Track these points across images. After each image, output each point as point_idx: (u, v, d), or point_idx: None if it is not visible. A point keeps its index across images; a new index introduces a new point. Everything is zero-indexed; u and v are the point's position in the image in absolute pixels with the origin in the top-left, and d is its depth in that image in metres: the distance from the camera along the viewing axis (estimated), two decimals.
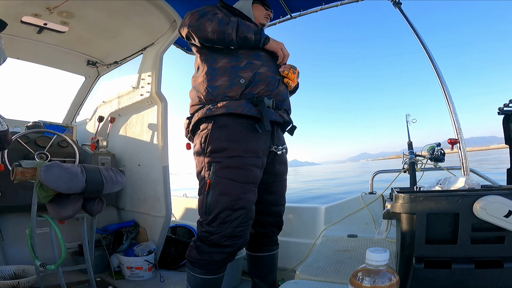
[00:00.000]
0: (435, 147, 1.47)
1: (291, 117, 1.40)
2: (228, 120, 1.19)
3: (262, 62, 1.27)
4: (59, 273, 1.49)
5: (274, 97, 1.27)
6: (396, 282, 0.57)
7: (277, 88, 1.28)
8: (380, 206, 1.75)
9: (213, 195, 1.15)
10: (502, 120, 1.26)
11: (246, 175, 1.17)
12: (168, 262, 2.11)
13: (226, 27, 1.19)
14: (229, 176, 1.15)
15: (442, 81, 1.45)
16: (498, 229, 0.71)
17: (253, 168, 1.19)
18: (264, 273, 1.44)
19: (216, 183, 1.15)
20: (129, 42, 2.29)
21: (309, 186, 16.43)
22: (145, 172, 2.19)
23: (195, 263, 1.18)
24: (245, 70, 1.23)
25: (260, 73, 1.25)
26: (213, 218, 1.14)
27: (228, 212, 1.13)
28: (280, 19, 2.11)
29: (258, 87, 1.23)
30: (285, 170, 1.41)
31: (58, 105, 5.73)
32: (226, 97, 1.21)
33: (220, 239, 1.13)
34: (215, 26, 1.18)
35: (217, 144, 1.17)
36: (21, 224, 1.91)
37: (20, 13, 1.89)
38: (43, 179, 1.37)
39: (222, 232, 1.13)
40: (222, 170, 1.16)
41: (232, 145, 1.17)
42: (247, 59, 1.25)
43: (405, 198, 0.78)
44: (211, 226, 1.14)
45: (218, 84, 1.22)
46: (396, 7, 1.62)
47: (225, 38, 1.20)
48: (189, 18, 1.23)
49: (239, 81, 1.21)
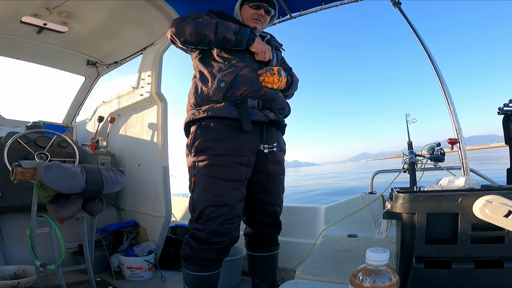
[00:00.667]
0: (435, 147, 1.47)
1: (287, 115, 1.42)
2: (211, 122, 1.24)
3: (245, 63, 1.27)
4: (59, 273, 1.49)
5: (260, 97, 1.27)
6: (396, 282, 0.57)
7: (262, 88, 1.27)
8: (380, 206, 1.75)
9: (197, 193, 1.20)
10: (502, 120, 1.26)
11: (229, 172, 1.19)
12: (168, 262, 2.11)
13: (203, 28, 1.23)
14: (211, 173, 1.19)
15: (442, 81, 1.45)
16: (498, 229, 0.71)
17: (237, 165, 1.21)
18: (264, 273, 1.44)
19: (199, 181, 1.20)
20: (129, 42, 2.29)
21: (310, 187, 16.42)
22: (145, 172, 2.19)
23: (188, 260, 1.21)
24: (226, 73, 1.24)
25: (242, 75, 1.25)
26: (198, 215, 1.18)
27: (211, 209, 1.16)
28: (280, 19, 2.11)
29: (240, 89, 1.24)
30: (280, 170, 1.39)
31: (58, 105, 5.75)
32: (211, 101, 1.26)
33: (207, 236, 1.16)
34: (192, 28, 1.24)
35: (200, 144, 1.22)
36: (21, 224, 1.91)
37: (19, 13, 1.89)
38: (43, 179, 1.37)
39: (208, 228, 1.16)
40: (204, 168, 1.20)
41: (214, 144, 1.21)
42: (231, 62, 1.28)
43: (405, 198, 0.78)
44: (198, 223, 1.19)
45: (203, 89, 1.28)
46: (396, 7, 1.63)
47: (203, 39, 1.25)
48: (172, 23, 1.31)
49: (220, 84, 1.24)
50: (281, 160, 1.39)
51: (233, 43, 1.25)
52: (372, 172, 2.05)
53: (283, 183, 1.44)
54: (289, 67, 1.54)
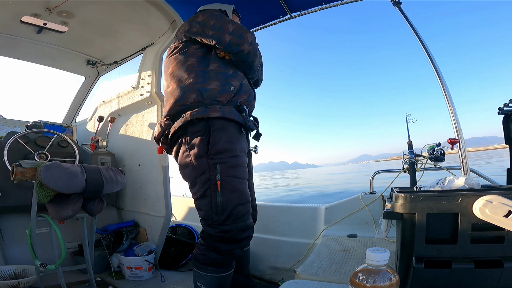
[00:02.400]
0: (435, 147, 1.47)
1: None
2: (224, 123, 1.24)
3: (242, 74, 1.37)
4: (59, 273, 1.49)
5: (249, 107, 1.38)
6: (396, 282, 0.57)
7: (253, 100, 1.41)
8: (380, 206, 1.75)
9: (223, 194, 1.18)
10: (502, 120, 1.26)
11: (244, 172, 1.27)
12: (168, 262, 2.11)
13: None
14: (235, 174, 1.22)
15: (442, 81, 1.45)
16: (498, 228, 0.71)
17: (245, 165, 1.29)
18: (241, 265, 1.49)
19: (225, 183, 1.19)
20: (129, 42, 2.29)
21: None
22: (145, 172, 2.19)
23: (217, 265, 1.20)
24: (234, 79, 1.31)
25: (244, 84, 1.35)
26: (227, 216, 1.18)
27: (239, 208, 1.20)
28: (280, 19, 2.10)
29: (242, 97, 1.32)
30: (252, 168, 1.53)
31: (58, 105, 5.76)
32: (215, 101, 1.25)
33: (237, 234, 1.19)
34: (253, 38, 1.33)
35: (220, 146, 1.20)
36: (21, 224, 1.91)
37: (19, 13, 1.89)
38: (43, 179, 1.37)
39: (238, 227, 1.19)
40: (228, 169, 1.20)
41: (232, 146, 1.23)
42: (233, 68, 1.33)
43: (405, 198, 0.78)
44: (225, 224, 1.18)
45: (210, 87, 1.25)
46: (396, 6, 1.62)
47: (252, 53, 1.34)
48: (252, 36, 1.32)
49: (230, 88, 1.28)
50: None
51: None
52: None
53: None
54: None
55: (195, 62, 1.30)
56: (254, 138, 1.46)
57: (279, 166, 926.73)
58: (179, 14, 1.96)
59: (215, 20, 1.29)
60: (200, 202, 1.23)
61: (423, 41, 1.51)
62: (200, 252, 1.23)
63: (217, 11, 1.36)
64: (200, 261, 1.22)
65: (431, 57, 1.48)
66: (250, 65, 1.35)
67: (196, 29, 1.31)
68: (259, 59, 1.39)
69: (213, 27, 1.27)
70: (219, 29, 1.27)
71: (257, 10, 2.03)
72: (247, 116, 1.30)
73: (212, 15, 1.31)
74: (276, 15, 2.08)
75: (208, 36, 1.28)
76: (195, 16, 1.35)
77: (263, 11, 2.05)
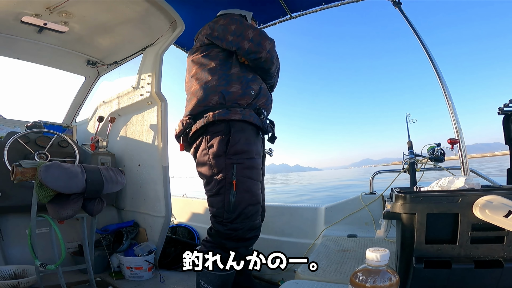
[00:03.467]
0: (435, 147, 1.47)
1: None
2: (243, 125, 1.28)
3: (260, 78, 1.42)
4: (59, 273, 1.49)
5: (267, 110, 1.42)
6: (396, 282, 0.57)
7: (270, 104, 1.46)
8: (380, 206, 1.75)
9: (237, 194, 1.23)
10: (502, 120, 1.25)
11: (258, 174, 1.31)
12: (168, 262, 2.11)
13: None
14: (249, 175, 1.26)
15: (442, 81, 1.45)
16: (498, 229, 0.71)
17: (260, 167, 1.33)
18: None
19: (239, 182, 1.24)
20: (129, 42, 2.29)
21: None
22: (145, 172, 2.19)
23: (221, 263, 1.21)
24: (254, 83, 1.35)
25: (263, 88, 1.39)
26: (238, 214, 1.22)
27: (250, 208, 1.24)
28: (280, 19, 2.11)
29: (261, 100, 1.37)
30: (265, 170, 1.56)
31: (58, 105, 5.75)
32: (236, 104, 1.30)
33: (245, 233, 1.23)
34: (272, 45, 1.37)
35: (238, 147, 1.25)
36: (21, 224, 1.91)
37: (20, 13, 1.89)
38: (43, 179, 1.37)
39: (246, 226, 1.23)
40: (243, 170, 1.25)
41: (249, 148, 1.27)
42: (252, 72, 1.37)
43: (405, 198, 0.78)
44: (235, 223, 1.22)
45: (232, 90, 1.30)
46: (396, 7, 1.63)
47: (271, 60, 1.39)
48: (271, 44, 1.35)
49: (250, 92, 1.33)
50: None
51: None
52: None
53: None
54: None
55: (217, 65, 1.36)
56: (269, 140, 1.49)
57: (280, 169, 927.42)
58: (179, 14, 1.96)
59: (236, 25, 1.33)
60: (213, 199, 1.28)
61: (423, 41, 1.51)
62: (205, 250, 1.25)
63: (237, 16, 1.40)
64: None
65: (431, 57, 1.48)
66: (267, 71, 1.40)
67: (218, 33, 1.36)
68: (275, 66, 1.42)
69: (233, 32, 1.32)
70: (239, 35, 1.32)
71: (257, 10, 2.02)
72: (265, 119, 1.36)
73: (233, 20, 1.35)
74: (276, 15, 2.08)
75: (228, 41, 1.33)
76: (217, 19, 1.40)
77: (263, 11, 2.05)
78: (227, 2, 1.53)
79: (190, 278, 1.90)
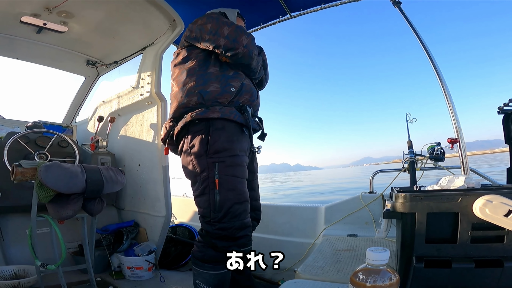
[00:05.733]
0: (435, 147, 1.47)
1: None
2: (223, 123, 1.26)
3: (243, 74, 1.39)
4: (59, 273, 1.49)
5: (253, 107, 1.40)
6: (396, 281, 0.57)
7: (256, 99, 1.43)
8: (380, 206, 1.75)
9: (221, 193, 1.21)
10: (502, 120, 1.25)
11: (243, 171, 1.28)
12: (168, 262, 2.11)
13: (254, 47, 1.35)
14: (233, 173, 1.24)
15: (442, 80, 1.45)
16: (498, 228, 0.71)
17: (245, 165, 1.31)
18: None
19: (223, 181, 1.22)
20: (128, 42, 2.29)
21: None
22: (145, 172, 2.19)
23: (214, 262, 1.22)
24: (234, 80, 1.33)
25: (245, 84, 1.37)
26: (224, 214, 1.20)
27: (236, 206, 1.22)
28: (280, 18, 2.10)
29: (244, 97, 1.35)
30: (258, 168, 1.55)
31: (58, 105, 5.75)
32: (216, 102, 1.29)
33: (234, 232, 1.21)
34: (250, 41, 1.33)
35: (218, 145, 1.24)
36: (21, 224, 1.91)
37: (19, 13, 1.89)
38: (43, 179, 1.37)
39: (234, 225, 1.21)
40: (226, 168, 1.23)
41: (231, 145, 1.25)
42: (233, 69, 1.36)
43: (405, 198, 0.78)
44: (222, 222, 1.20)
45: (210, 89, 1.29)
46: (396, 6, 1.62)
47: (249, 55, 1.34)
48: (247, 39, 1.32)
49: (230, 89, 1.31)
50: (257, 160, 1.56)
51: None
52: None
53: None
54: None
55: (196, 66, 1.35)
56: (259, 138, 1.48)
57: (281, 168, 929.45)
58: (179, 14, 1.96)
59: (212, 23, 1.32)
60: (199, 199, 1.27)
61: (423, 41, 1.51)
62: (198, 250, 1.26)
63: (215, 14, 1.38)
64: (198, 258, 1.25)
65: (431, 56, 1.48)
66: (247, 67, 1.38)
67: (195, 33, 1.35)
68: (256, 61, 1.39)
69: (209, 31, 1.31)
70: (214, 33, 1.30)
71: (257, 10, 2.03)
72: (249, 116, 1.32)
73: (209, 18, 1.34)
74: (276, 15, 2.08)
75: (205, 40, 1.32)
76: (195, 20, 1.39)
77: (263, 11, 2.05)
78: (227, 2, 1.53)
79: (190, 278, 1.90)
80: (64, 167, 1.45)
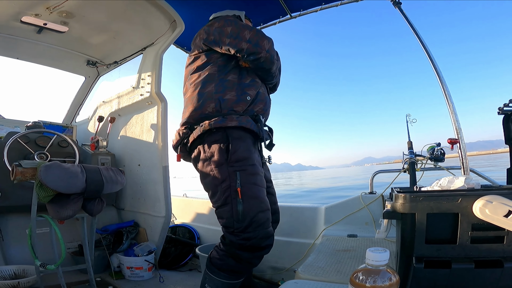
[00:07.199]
0: (435, 147, 1.47)
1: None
2: (241, 133, 1.25)
3: (260, 82, 1.38)
4: (59, 273, 1.49)
5: (265, 116, 1.38)
6: (396, 282, 0.57)
7: (269, 107, 1.42)
8: (380, 206, 1.75)
9: (244, 202, 1.17)
10: (502, 120, 1.25)
11: (262, 180, 1.26)
12: (168, 262, 2.11)
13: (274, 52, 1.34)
14: (254, 181, 1.22)
15: (442, 81, 1.45)
16: (498, 229, 0.71)
17: (262, 174, 1.29)
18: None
19: (245, 190, 1.18)
20: (129, 42, 2.29)
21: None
22: (145, 172, 2.19)
23: (232, 272, 1.19)
24: (250, 88, 1.32)
25: (261, 92, 1.35)
26: (249, 223, 1.16)
27: (260, 215, 1.18)
28: (280, 19, 2.11)
29: (258, 106, 1.33)
30: (270, 177, 1.53)
31: (58, 105, 5.75)
32: (232, 111, 1.27)
33: (259, 242, 1.16)
34: (271, 45, 1.32)
35: (239, 154, 1.21)
36: (21, 224, 1.91)
37: (20, 13, 1.89)
38: (43, 179, 1.37)
39: (259, 234, 1.16)
40: (248, 177, 1.20)
41: (249, 154, 1.24)
42: (251, 76, 1.34)
43: (405, 198, 0.78)
44: (247, 232, 1.16)
45: (227, 97, 1.27)
46: (396, 7, 1.62)
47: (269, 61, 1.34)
48: (269, 43, 1.30)
49: (246, 97, 1.29)
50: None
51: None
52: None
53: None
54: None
55: (216, 71, 1.32)
56: (267, 147, 1.44)
57: (282, 168, 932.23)
58: (179, 14, 1.96)
59: (232, 26, 1.29)
60: (221, 210, 1.21)
61: (423, 41, 1.51)
62: (218, 257, 1.21)
63: (231, 17, 1.36)
64: (216, 266, 1.21)
65: (431, 57, 1.48)
66: (268, 71, 1.36)
67: (214, 37, 1.31)
68: (276, 65, 1.38)
69: (230, 35, 1.28)
70: (236, 37, 1.27)
71: (257, 10, 2.03)
72: (262, 126, 1.31)
73: (227, 21, 1.31)
74: (276, 15, 2.08)
75: (225, 44, 1.29)
76: (211, 23, 1.36)
77: (263, 11, 2.05)
78: (227, 2, 1.53)
79: (190, 278, 1.91)
80: (64, 167, 1.45)
